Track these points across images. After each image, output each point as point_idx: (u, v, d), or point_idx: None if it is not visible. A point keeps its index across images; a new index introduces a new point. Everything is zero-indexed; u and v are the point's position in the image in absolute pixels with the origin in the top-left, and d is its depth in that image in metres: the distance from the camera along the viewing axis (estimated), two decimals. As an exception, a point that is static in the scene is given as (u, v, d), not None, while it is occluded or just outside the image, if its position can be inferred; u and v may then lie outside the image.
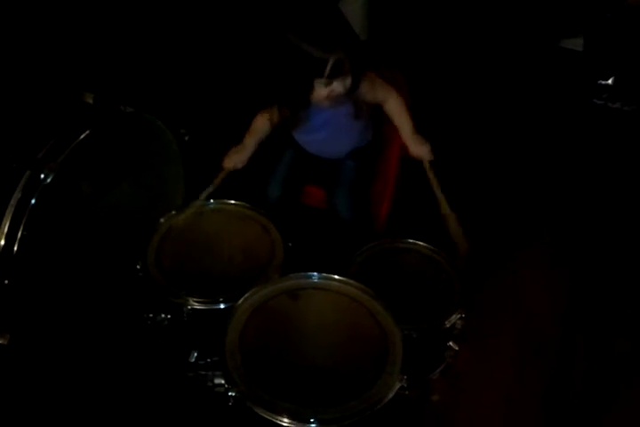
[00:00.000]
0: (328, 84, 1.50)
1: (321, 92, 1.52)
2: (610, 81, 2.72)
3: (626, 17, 2.59)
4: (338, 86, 1.51)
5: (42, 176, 1.44)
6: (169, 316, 1.54)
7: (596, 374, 1.76)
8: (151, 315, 1.56)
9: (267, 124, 1.71)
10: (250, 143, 1.72)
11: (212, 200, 1.71)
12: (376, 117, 1.75)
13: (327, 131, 1.70)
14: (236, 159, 1.72)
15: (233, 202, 1.72)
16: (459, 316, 1.51)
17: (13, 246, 1.43)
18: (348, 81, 1.52)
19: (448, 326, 1.50)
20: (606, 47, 2.72)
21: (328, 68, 1.45)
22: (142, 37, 2.81)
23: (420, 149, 1.68)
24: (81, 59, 2.54)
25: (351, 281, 1.44)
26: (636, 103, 2.69)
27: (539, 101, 2.75)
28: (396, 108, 1.68)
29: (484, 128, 2.59)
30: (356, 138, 1.76)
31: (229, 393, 1.25)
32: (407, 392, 1.29)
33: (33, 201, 1.43)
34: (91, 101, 1.67)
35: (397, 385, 1.26)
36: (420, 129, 1.71)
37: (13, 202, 1.42)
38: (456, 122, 2.59)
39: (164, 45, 2.81)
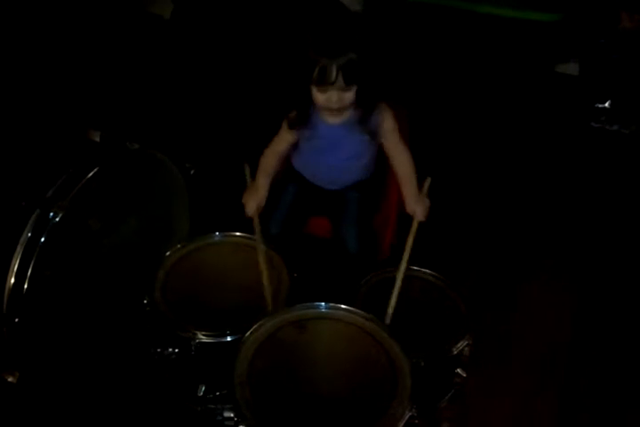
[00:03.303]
0: (320, 91, 1.53)
1: (317, 97, 1.55)
2: (607, 104, 2.76)
3: (619, 41, 2.64)
4: (333, 96, 1.52)
5: (51, 215, 1.45)
6: (176, 350, 1.54)
7: (605, 403, 1.74)
8: (159, 349, 1.56)
9: (275, 158, 1.73)
10: (263, 182, 1.72)
11: (217, 233, 1.73)
12: (380, 154, 1.77)
13: (337, 154, 1.71)
14: (254, 204, 1.69)
15: (238, 234, 1.73)
16: (466, 342, 1.51)
17: (23, 285, 1.44)
18: (349, 95, 1.53)
19: (455, 352, 1.49)
20: (602, 71, 2.76)
21: (316, 72, 1.48)
22: (146, 75, 2.88)
23: (417, 209, 1.66)
24: (87, 97, 2.60)
25: (358, 310, 1.45)
26: (634, 125, 2.72)
27: (537, 126, 2.79)
28: (403, 164, 1.69)
29: (483, 156, 2.62)
30: (362, 168, 1.78)
31: (239, 427, 1.25)
32: (417, 421, 1.29)
33: (42, 239, 1.44)
34: (97, 139, 1.70)
35: (407, 414, 1.25)
36: (420, 160, 1.72)
37: (23, 240, 1.44)
38: (455, 151, 2.62)
39: (166, 82, 2.88)
